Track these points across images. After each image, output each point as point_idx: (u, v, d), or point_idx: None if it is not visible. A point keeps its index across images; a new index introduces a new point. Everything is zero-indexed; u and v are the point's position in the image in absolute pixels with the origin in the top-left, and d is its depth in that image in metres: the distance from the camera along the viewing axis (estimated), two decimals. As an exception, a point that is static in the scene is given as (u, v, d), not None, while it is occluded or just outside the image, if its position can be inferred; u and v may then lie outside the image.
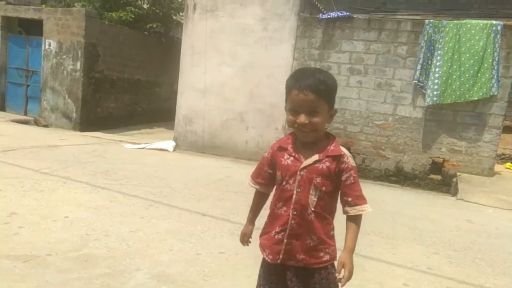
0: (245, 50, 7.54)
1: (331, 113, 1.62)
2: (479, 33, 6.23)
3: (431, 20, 6.52)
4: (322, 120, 1.57)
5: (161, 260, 2.90)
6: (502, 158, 8.42)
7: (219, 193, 4.88)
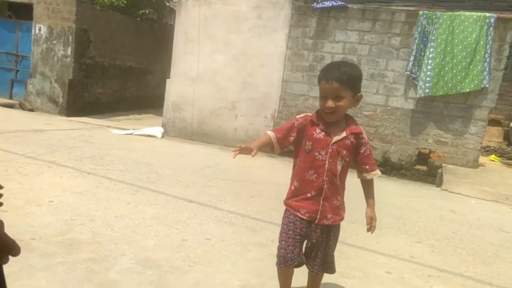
0: (239, 38, 7.48)
1: (357, 98, 1.98)
2: (472, 25, 6.22)
3: (425, 12, 6.49)
4: (346, 104, 1.93)
5: (147, 246, 2.90)
6: (487, 151, 8.48)
7: (207, 180, 4.89)
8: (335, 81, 1.88)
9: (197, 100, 7.86)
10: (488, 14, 6.20)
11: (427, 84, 6.39)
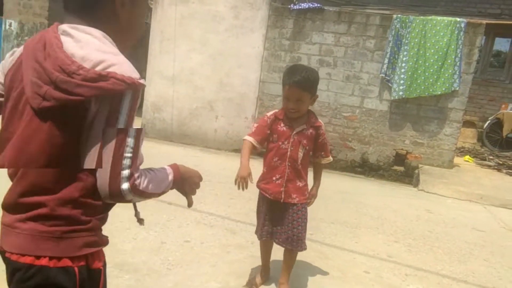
0: (216, 38, 7.44)
1: (314, 98, 2.39)
2: (444, 30, 6.40)
3: (399, 15, 6.63)
4: (306, 105, 2.35)
5: (124, 249, 2.85)
6: (462, 151, 8.76)
7: (186, 182, 4.82)
8: (297, 87, 2.28)
9: (177, 101, 7.76)
10: (459, 19, 6.38)
11: (401, 87, 6.53)
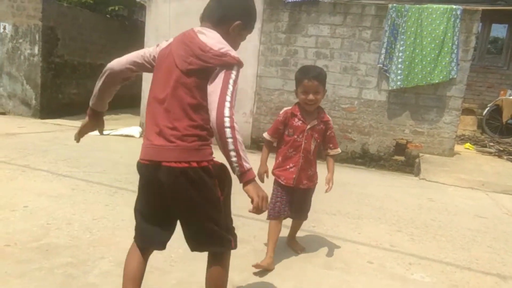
0: (211, 34, 7.39)
1: (325, 92, 2.71)
2: (440, 17, 6.37)
3: (395, 5, 6.60)
4: (321, 97, 2.66)
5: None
6: (462, 139, 8.76)
7: (187, 179, 4.82)
8: (315, 80, 2.59)
9: (172, 98, 7.72)
10: (455, 6, 6.35)
11: (399, 77, 6.51)
